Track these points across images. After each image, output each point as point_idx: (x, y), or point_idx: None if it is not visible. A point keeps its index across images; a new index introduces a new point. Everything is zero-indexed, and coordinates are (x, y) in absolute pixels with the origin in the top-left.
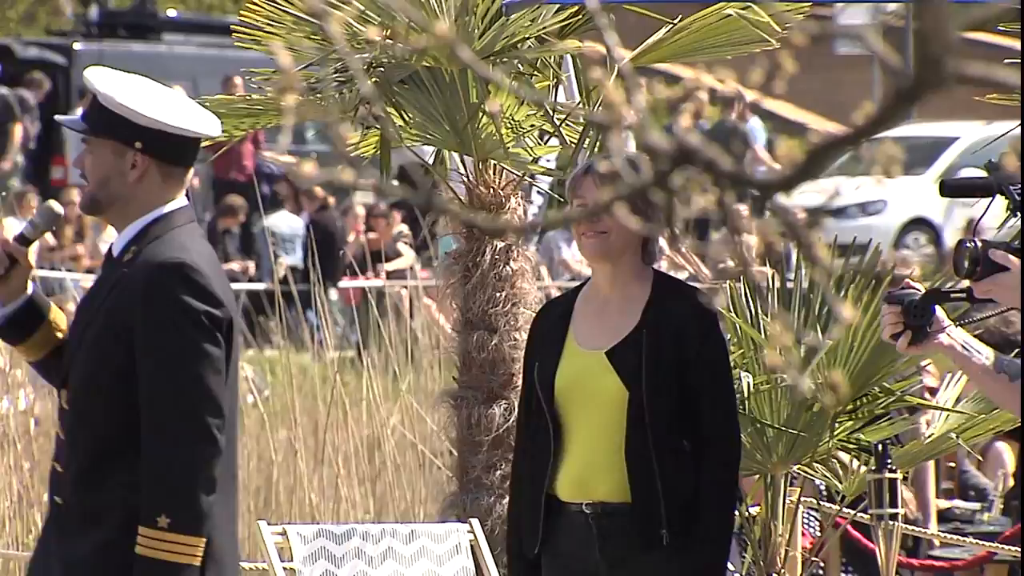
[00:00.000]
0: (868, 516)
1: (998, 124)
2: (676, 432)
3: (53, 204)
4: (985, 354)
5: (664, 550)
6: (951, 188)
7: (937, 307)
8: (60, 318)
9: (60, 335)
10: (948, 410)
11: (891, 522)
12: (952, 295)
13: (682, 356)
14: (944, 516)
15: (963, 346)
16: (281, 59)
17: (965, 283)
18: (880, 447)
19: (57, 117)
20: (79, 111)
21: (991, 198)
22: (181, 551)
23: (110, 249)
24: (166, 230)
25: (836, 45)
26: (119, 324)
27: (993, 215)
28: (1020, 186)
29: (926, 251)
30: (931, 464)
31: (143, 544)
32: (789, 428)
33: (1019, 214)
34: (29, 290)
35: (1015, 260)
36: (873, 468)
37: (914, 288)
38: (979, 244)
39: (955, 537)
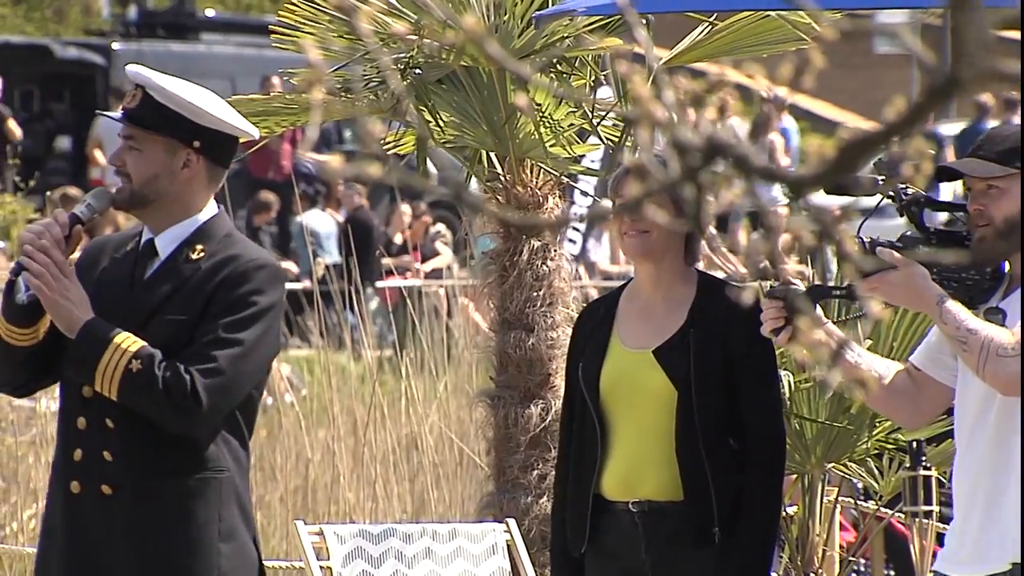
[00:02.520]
0: (904, 514)
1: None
2: (724, 431)
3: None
4: (857, 352)
5: (713, 548)
6: (835, 186)
7: (817, 304)
8: None
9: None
10: None
11: (926, 519)
12: (834, 291)
13: (728, 355)
14: None
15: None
16: (311, 55)
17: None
18: (915, 445)
19: (100, 112)
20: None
21: (879, 197)
22: None
23: (151, 244)
24: (225, 230)
25: (875, 44)
26: (195, 311)
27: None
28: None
29: None
30: None
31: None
32: (829, 425)
33: (904, 215)
34: None
35: (902, 259)
36: (908, 466)
37: (795, 284)
38: (867, 242)
39: None
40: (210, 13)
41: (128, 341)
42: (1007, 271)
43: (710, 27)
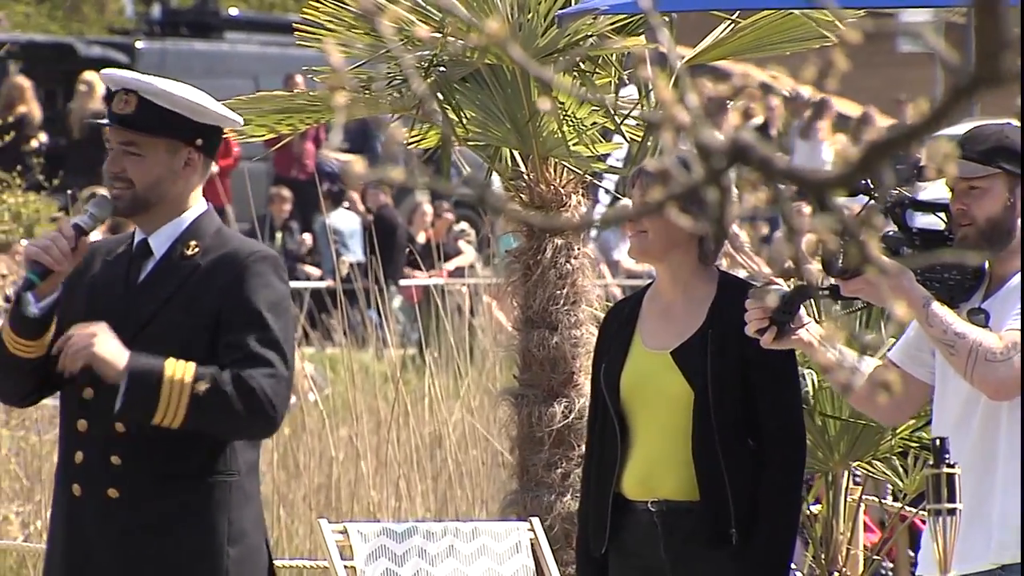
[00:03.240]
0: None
1: None
2: (742, 431)
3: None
4: (838, 348)
5: (730, 549)
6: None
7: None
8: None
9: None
10: None
11: (950, 517)
12: (819, 292)
13: (746, 356)
14: None
15: (820, 342)
16: (333, 58)
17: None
18: (938, 442)
19: (93, 121)
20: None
21: (864, 197)
22: None
23: (144, 244)
24: (215, 226)
25: (898, 43)
26: (203, 312)
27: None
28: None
29: None
30: None
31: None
32: (852, 423)
33: (887, 216)
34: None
35: (890, 261)
36: (931, 463)
37: (778, 284)
38: None
39: None
40: (233, 11)
41: (179, 368)
42: (987, 270)
43: (733, 25)
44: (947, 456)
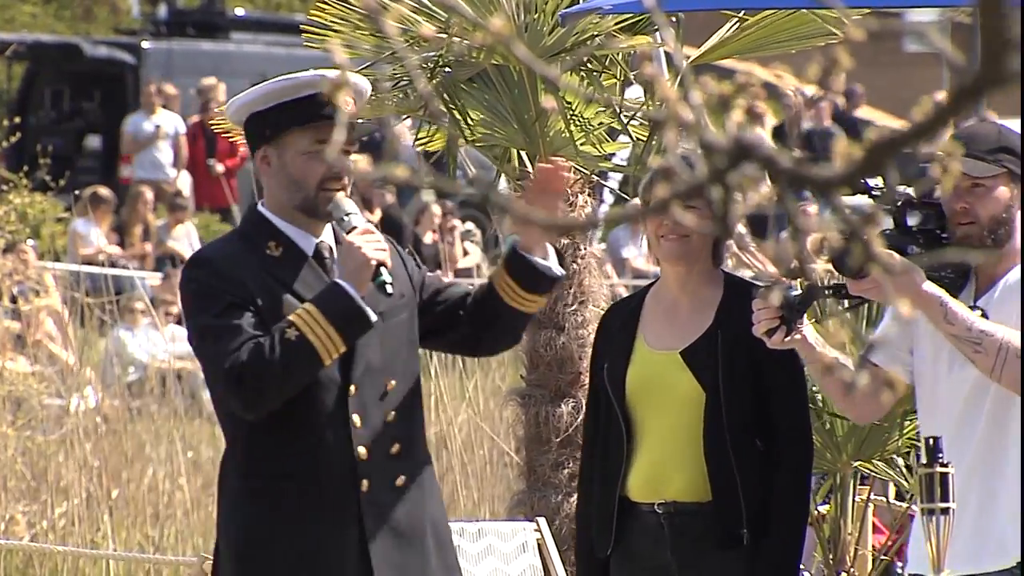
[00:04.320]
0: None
1: None
2: (751, 432)
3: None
4: (832, 354)
5: (741, 550)
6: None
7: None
8: None
9: None
10: None
11: (942, 517)
12: (827, 291)
13: (755, 357)
14: None
15: (816, 343)
16: (337, 57)
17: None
18: (932, 440)
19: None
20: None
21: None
22: None
23: (318, 249)
24: None
25: (904, 42)
26: (408, 293)
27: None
28: None
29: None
30: None
31: None
32: (858, 426)
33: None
34: None
35: (902, 260)
36: (924, 462)
37: (789, 283)
38: None
39: None
40: (240, 12)
41: None
42: (973, 269)
43: (739, 23)
44: (940, 455)
